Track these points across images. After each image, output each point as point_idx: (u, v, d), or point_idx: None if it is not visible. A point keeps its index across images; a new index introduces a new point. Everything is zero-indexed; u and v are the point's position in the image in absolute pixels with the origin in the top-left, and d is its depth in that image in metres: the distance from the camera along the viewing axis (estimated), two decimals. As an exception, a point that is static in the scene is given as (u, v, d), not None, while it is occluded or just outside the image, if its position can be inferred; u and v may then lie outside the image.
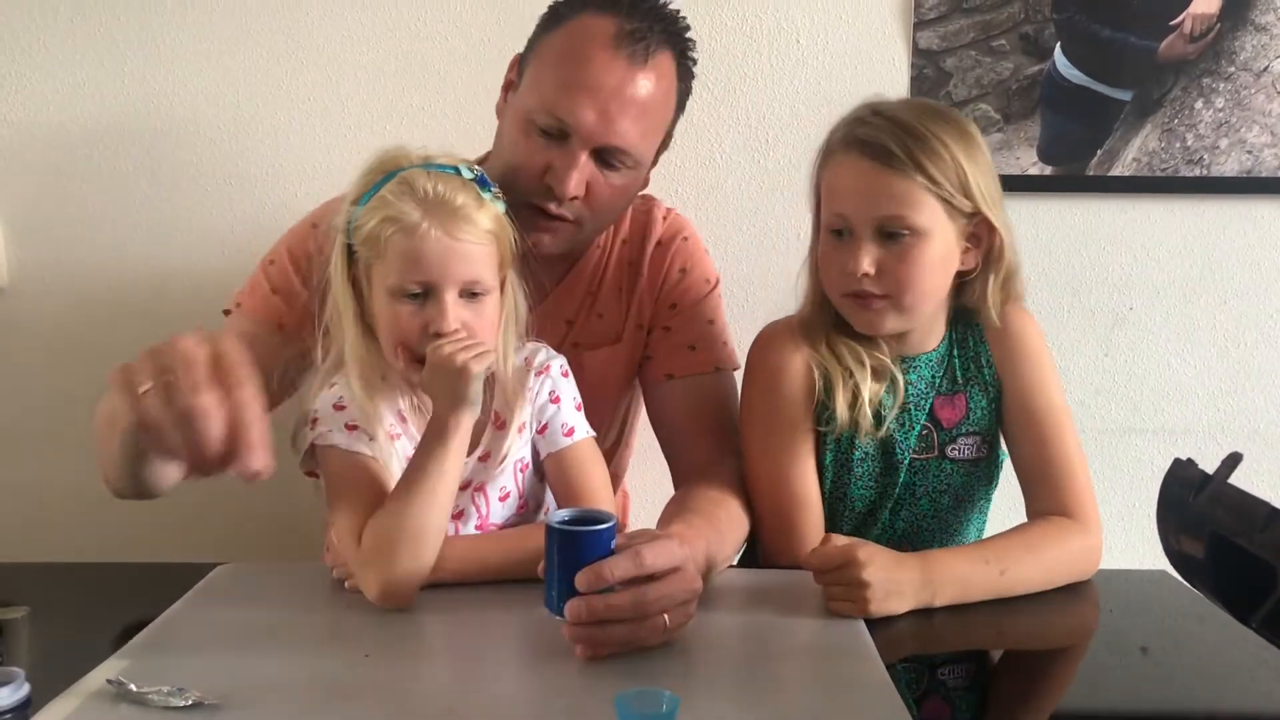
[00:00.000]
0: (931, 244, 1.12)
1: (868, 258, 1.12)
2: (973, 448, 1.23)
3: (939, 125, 1.12)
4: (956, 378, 1.23)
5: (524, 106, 1.22)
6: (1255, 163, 1.70)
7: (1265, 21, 1.66)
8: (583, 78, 1.17)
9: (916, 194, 1.10)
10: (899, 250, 1.12)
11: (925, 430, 1.22)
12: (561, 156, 1.19)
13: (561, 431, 1.15)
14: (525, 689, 0.88)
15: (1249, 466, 1.11)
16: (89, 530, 1.75)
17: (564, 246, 1.27)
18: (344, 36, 1.67)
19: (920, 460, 1.22)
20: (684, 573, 0.92)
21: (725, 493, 1.19)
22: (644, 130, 1.22)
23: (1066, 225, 1.75)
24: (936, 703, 0.92)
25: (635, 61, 1.18)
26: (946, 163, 1.10)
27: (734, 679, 0.90)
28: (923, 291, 1.14)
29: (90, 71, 1.67)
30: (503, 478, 1.15)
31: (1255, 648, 0.98)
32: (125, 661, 0.89)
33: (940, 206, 1.11)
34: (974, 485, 1.25)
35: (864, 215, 1.12)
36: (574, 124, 1.17)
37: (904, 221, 1.11)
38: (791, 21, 1.68)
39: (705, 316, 1.37)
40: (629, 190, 1.28)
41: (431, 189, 1.03)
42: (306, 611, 1.02)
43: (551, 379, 1.17)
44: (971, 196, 1.12)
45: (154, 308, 1.72)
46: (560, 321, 1.35)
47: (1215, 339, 1.78)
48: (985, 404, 1.22)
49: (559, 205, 1.21)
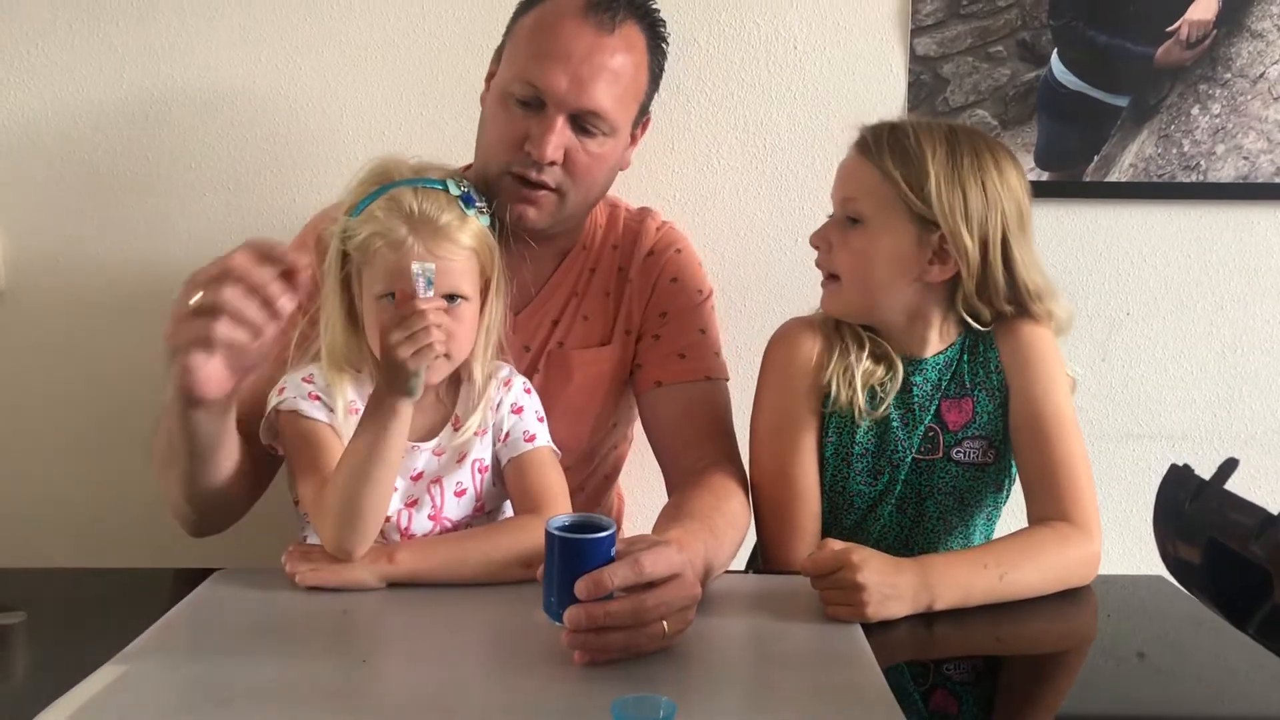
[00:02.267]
0: (879, 238, 1.19)
1: (818, 233, 1.24)
2: (978, 451, 1.24)
3: (929, 134, 1.18)
4: (965, 381, 1.24)
5: (501, 83, 1.27)
6: (1252, 169, 1.71)
7: (1262, 28, 1.67)
8: (554, 46, 1.23)
9: (871, 183, 1.19)
10: (850, 235, 1.20)
11: (931, 431, 1.23)
12: (539, 123, 1.23)
13: (523, 438, 1.20)
14: (523, 694, 0.88)
15: (1245, 472, 1.10)
16: (87, 535, 1.75)
17: (548, 220, 1.28)
18: (342, 41, 1.67)
19: (925, 461, 1.24)
20: (683, 580, 0.93)
21: (721, 497, 1.19)
22: (616, 96, 1.26)
23: (1063, 231, 1.75)
24: (942, 695, 0.92)
25: (603, 29, 1.24)
26: (912, 164, 1.16)
27: (731, 685, 0.90)
28: (861, 279, 1.20)
29: (89, 74, 1.67)
30: (459, 473, 1.18)
31: (1252, 653, 0.99)
32: (122, 666, 0.89)
33: (897, 205, 1.17)
34: (980, 490, 1.26)
35: (834, 195, 1.24)
36: (547, 89, 1.22)
37: (855, 205, 1.20)
38: (789, 28, 1.69)
39: (697, 326, 1.37)
40: (607, 160, 1.30)
41: (417, 208, 1.12)
42: (304, 616, 1.02)
43: (514, 392, 1.23)
44: (929, 203, 1.15)
45: (152, 311, 1.70)
46: (546, 321, 1.36)
47: (1212, 344, 1.79)
48: (992, 408, 1.23)
49: (539, 171, 1.24)
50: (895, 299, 1.22)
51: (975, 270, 1.18)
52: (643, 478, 1.55)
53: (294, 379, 1.17)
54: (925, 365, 1.24)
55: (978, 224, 1.17)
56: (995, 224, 1.17)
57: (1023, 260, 1.20)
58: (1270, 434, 1.80)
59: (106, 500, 1.74)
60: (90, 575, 1.23)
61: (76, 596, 1.12)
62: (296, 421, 1.14)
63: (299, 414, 1.14)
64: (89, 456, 1.75)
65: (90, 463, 1.75)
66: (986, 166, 1.18)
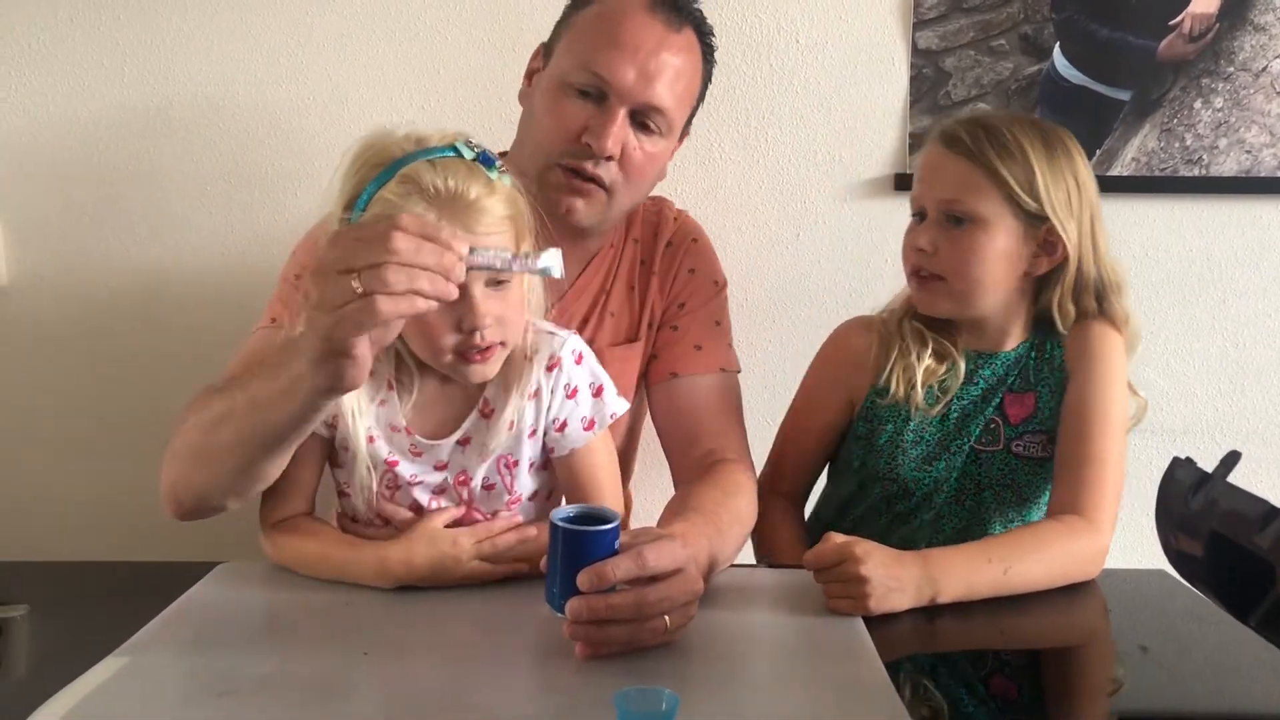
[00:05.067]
0: (990, 235, 1.18)
1: (925, 236, 1.21)
2: (1038, 445, 1.25)
3: (1021, 128, 1.19)
4: (1030, 377, 1.26)
5: (558, 72, 1.24)
6: (1254, 163, 1.70)
7: (1264, 21, 1.66)
8: (621, 36, 1.20)
9: (977, 182, 1.18)
10: (958, 235, 1.19)
11: (993, 424, 1.26)
12: (599, 114, 1.21)
13: (582, 426, 1.13)
14: (524, 686, 0.88)
15: (1248, 466, 1.11)
16: (88, 529, 1.76)
17: (594, 218, 1.26)
18: (344, 37, 1.67)
19: (986, 453, 1.26)
20: (686, 574, 0.92)
21: (728, 492, 1.19)
22: (678, 95, 1.24)
23: (1066, 225, 1.75)
24: (945, 689, 0.92)
25: (671, 26, 1.22)
26: (1016, 160, 1.17)
27: (733, 678, 0.90)
28: (976, 279, 1.20)
29: (90, 72, 1.67)
30: (486, 468, 1.12)
31: (1254, 646, 0.99)
32: (125, 659, 0.89)
33: (1004, 202, 1.17)
34: (1038, 484, 1.27)
35: (930, 197, 1.22)
36: (613, 80, 1.20)
37: (961, 206, 1.19)
38: (791, 22, 1.68)
39: (713, 317, 1.37)
40: (658, 162, 1.29)
41: (442, 185, 0.96)
42: (305, 609, 1.02)
43: (565, 372, 1.12)
44: (1039, 199, 1.17)
45: (153, 308, 1.72)
46: (574, 323, 1.34)
47: (1214, 339, 1.78)
48: (1054, 404, 1.24)
49: (595, 165, 1.22)
50: (1000, 294, 1.23)
51: (1078, 258, 1.20)
52: (647, 473, 1.55)
53: None
54: (995, 360, 1.26)
55: (1074, 212, 1.20)
56: (1086, 210, 1.21)
57: (1105, 246, 1.24)
58: (1272, 428, 1.80)
59: (108, 494, 1.74)
60: (92, 569, 1.23)
61: (79, 590, 1.12)
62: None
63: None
64: (91, 451, 1.75)
65: (92, 457, 1.75)
66: (1072, 155, 1.21)
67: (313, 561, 1.08)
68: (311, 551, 1.08)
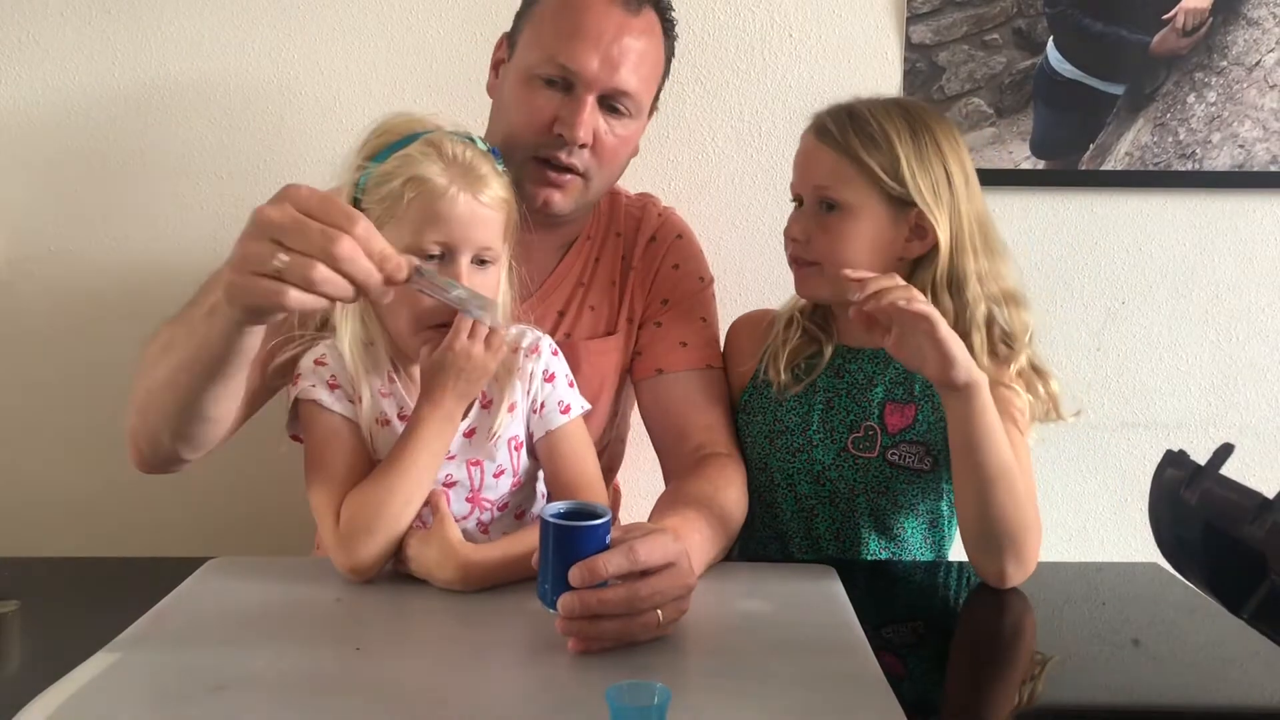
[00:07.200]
0: (859, 220, 1.20)
1: (799, 225, 1.24)
2: (914, 456, 1.25)
3: (888, 116, 1.21)
4: (914, 390, 1.25)
5: (524, 64, 1.25)
6: (1247, 157, 1.70)
7: (1257, 16, 1.66)
8: (584, 26, 1.22)
9: (844, 170, 1.20)
10: (830, 221, 1.22)
11: (870, 430, 1.26)
12: (568, 104, 1.22)
13: (558, 409, 1.17)
14: (517, 681, 0.88)
15: (1240, 459, 1.10)
16: (80, 524, 1.75)
17: (572, 206, 1.27)
18: (336, 28, 1.66)
19: (862, 458, 1.25)
20: (678, 568, 0.92)
21: (719, 485, 1.19)
22: (643, 77, 1.26)
23: (1059, 220, 1.75)
24: (936, 684, 0.92)
25: (629, 9, 1.24)
26: (880, 148, 1.19)
27: (726, 672, 0.89)
28: (847, 263, 1.19)
29: (81, 63, 1.66)
30: (499, 455, 1.15)
31: (1247, 640, 0.99)
32: (115, 654, 0.88)
33: (870, 187, 1.19)
34: (914, 496, 1.26)
35: (804, 185, 1.25)
36: (579, 70, 1.21)
37: (831, 193, 1.21)
38: (784, 16, 1.68)
39: (698, 314, 1.37)
40: (629, 143, 1.30)
41: (460, 154, 1.05)
42: (298, 605, 1.02)
43: (544, 359, 1.18)
44: (904, 184, 1.18)
45: (146, 300, 1.71)
46: (551, 313, 1.35)
47: (1207, 333, 1.79)
48: (934, 420, 1.24)
49: (569, 154, 1.23)
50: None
51: (950, 241, 1.20)
52: (637, 468, 1.55)
53: (307, 363, 1.11)
54: (862, 355, 1.27)
55: (944, 201, 1.20)
56: (961, 203, 1.21)
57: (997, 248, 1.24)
58: (1265, 422, 1.80)
59: (99, 489, 1.74)
60: (83, 564, 1.22)
61: (69, 585, 1.12)
62: (318, 416, 1.09)
63: (319, 405, 1.09)
64: (83, 446, 1.75)
65: (84, 452, 1.75)
66: (941, 146, 1.21)
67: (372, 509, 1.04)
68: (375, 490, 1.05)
